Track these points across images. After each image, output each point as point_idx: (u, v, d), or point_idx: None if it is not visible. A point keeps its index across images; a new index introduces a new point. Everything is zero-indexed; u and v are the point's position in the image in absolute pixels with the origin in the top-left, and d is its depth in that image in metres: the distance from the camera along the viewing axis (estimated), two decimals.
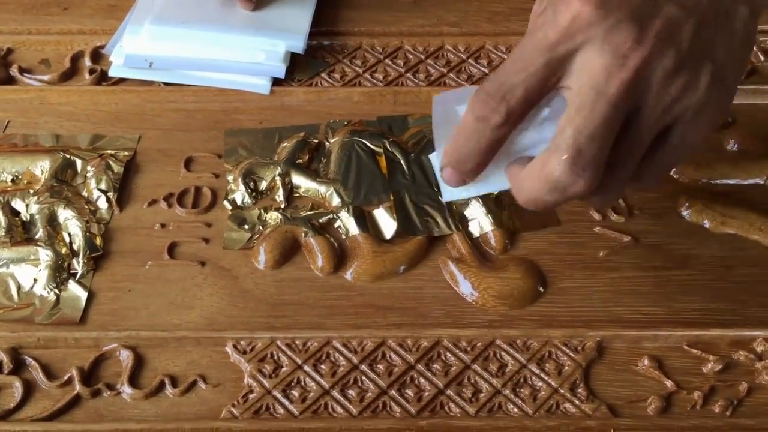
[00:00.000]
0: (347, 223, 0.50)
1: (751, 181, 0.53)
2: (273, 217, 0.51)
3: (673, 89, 0.37)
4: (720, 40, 0.37)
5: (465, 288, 0.48)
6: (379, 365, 0.44)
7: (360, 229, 0.50)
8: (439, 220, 0.50)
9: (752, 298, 0.47)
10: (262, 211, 0.51)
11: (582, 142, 0.36)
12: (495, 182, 0.41)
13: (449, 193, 0.42)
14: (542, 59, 0.36)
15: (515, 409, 0.43)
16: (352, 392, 0.43)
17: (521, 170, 0.38)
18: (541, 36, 0.37)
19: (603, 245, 0.50)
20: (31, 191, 0.51)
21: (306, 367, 0.44)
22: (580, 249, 0.50)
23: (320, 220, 0.51)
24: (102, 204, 0.52)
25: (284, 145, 0.55)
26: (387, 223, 0.50)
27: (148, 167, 0.54)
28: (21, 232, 0.50)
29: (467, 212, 0.51)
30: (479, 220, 0.50)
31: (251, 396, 0.43)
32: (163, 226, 0.51)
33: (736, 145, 0.55)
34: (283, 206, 0.52)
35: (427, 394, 0.43)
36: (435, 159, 0.43)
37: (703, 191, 0.53)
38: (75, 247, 0.49)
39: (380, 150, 0.54)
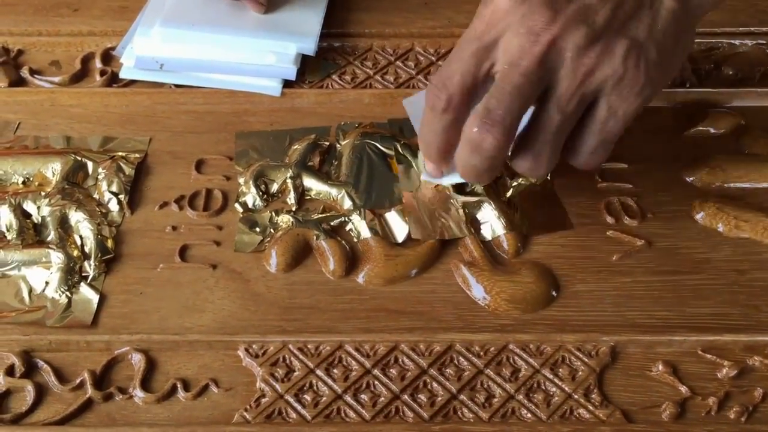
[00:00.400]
0: (359, 226, 0.50)
1: (765, 185, 0.53)
2: (284, 219, 0.51)
3: (586, 61, 0.40)
4: (640, 22, 0.41)
5: (477, 292, 0.47)
6: (391, 370, 0.44)
7: (371, 233, 0.50)
8: (451, 223, 0.50)
9: (766, 302, 0.47)
10: (274, 213, 0.51)
11: (491, 103, 0.41)
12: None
13: (427, 176, 0.49)
14: (471, 48, 0.42)
15: (529, 415, 0.42)
16: (364, 397, 0.43)
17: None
18: (470, 29, 0.42)
19: (616, 249, 0.49)
20: (43, 193, 0.51)
21: (318, 372, 0.44)
22: (592, 253, 0.49)
23: (332, 223, 0.51)
24: (113, 206, 0.52)
25: (295, 147, 0.55)
26: (399, 226, 0.50)
27: (159, 169, 0.54)
28: (32, 235, 0.50)
29: (479, 215, 0.51)
30: (491, 224, 0.50)
31: (264, 400, 0.43)
32: (174, 228, 0.51)
33: (749, 149, 0.55)
34: (294, 209, 0.52)
35: (440, 399, 0.43)
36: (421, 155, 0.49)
37: (717, 195, 0.52)
38: (86, 249, 0.49)
39: (392, 152, 0.54)
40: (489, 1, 0.42)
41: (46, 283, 0.48)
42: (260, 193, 0.52)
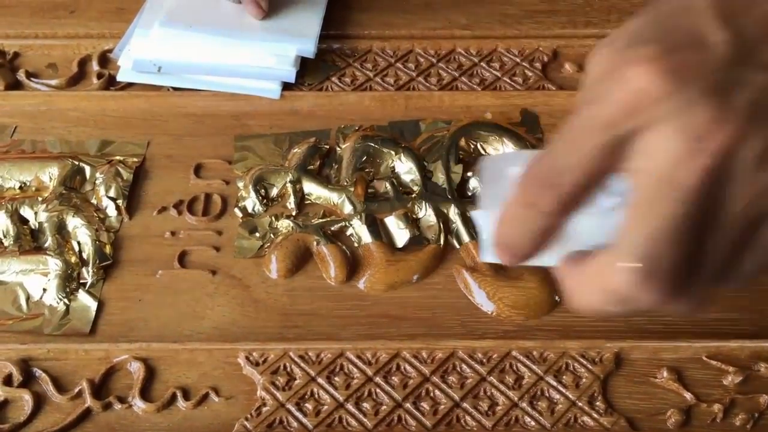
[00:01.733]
0: (360, 231, 0.50)
1: None
2: (284, 224, 0.50)
3: (764, 177, 0.29)
4: None
5: (480, 297, 0.47)
6: (393, 377, 0.44)
7: (373, 237, 0.49)
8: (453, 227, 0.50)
9: None
10: (273, 218, 0.51)
11: (654, 248, 0.29)
12: (544, 259, 0.34)
13: (489, 256, 0.36)
14: (597, 140, 0.30)
15: (533, 423, 0.42)
16: (366, 405, 0.43)
17: (576, 269, 0.32)
18: (595, 113, 0.30)
19: None
20: (40, 199, 0.51)
21: (319, 380, 0.43)
22: None
23: (332, 228, 0.50)
24: (111, 212, 0.51)
25: (295, 150, 0.54)
26: (400, 231, 0.50)
27: (158, 174, 0.54)
28: (29, 241, 0.49)
29: None
30: None
31: (264, 409, 0.42)
32: (173, 234, 0.50)
33: None
34: (294, 214, 0.51)
35: (442, 407, 0.43)
36: (480, 217, 0.39)
37: None
38: (84, 255, 0.49)
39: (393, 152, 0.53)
40: (620, 74, 0.30)
41: (44, 290, 0.47)
42: (260, 197, 0.52)
